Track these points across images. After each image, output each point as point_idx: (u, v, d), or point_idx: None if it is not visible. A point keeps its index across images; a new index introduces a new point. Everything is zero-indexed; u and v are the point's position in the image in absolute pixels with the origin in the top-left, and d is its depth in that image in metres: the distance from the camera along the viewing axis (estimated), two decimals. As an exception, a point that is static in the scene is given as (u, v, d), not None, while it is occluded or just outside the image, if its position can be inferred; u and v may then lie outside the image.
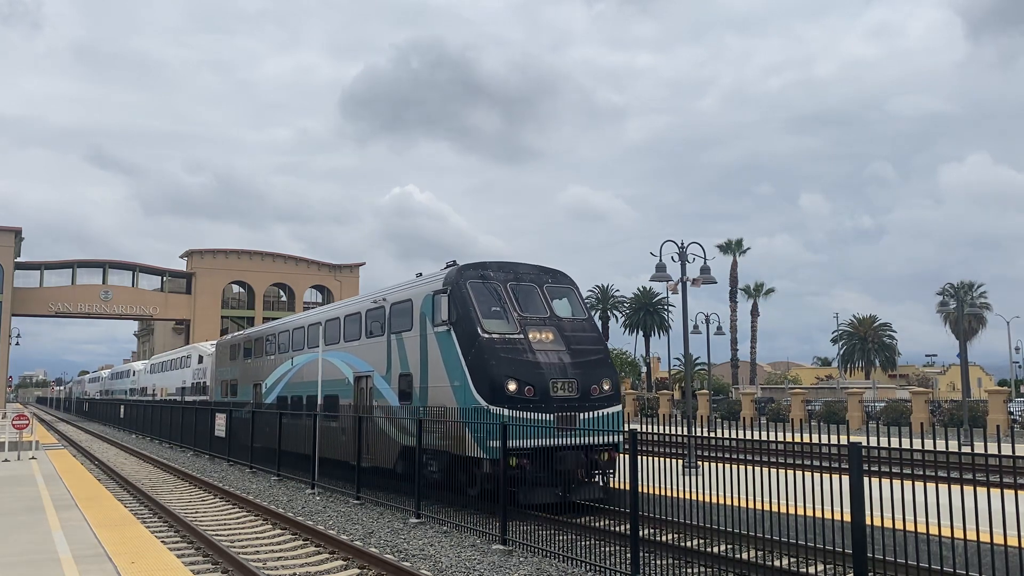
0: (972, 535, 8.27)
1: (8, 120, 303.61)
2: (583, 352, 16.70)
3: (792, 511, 10.27)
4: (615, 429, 15.50)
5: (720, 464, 11.08)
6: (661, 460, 11.08)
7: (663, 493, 10.68)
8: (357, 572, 11.45)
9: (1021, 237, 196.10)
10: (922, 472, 9.82)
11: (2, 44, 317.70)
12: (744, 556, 11.29)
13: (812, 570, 10.62)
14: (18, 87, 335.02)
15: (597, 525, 13.06)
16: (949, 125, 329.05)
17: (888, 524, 10.36)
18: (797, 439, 10.07)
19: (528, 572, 11.20)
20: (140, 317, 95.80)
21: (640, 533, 10.68)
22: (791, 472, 10.10)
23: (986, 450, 8.73)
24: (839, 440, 8.78)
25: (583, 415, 15.59)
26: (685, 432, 19.33)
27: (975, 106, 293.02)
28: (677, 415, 43.54)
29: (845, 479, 8.38)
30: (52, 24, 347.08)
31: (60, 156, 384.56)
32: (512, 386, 15.39)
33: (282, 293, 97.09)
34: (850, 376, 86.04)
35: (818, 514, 9.32)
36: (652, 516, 11.78)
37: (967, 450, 8.49)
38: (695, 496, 10.67)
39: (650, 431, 11.54)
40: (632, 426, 12.42)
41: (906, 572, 9.02)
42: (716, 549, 11.77)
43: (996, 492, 8.40)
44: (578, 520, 13.03)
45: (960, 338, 47.38)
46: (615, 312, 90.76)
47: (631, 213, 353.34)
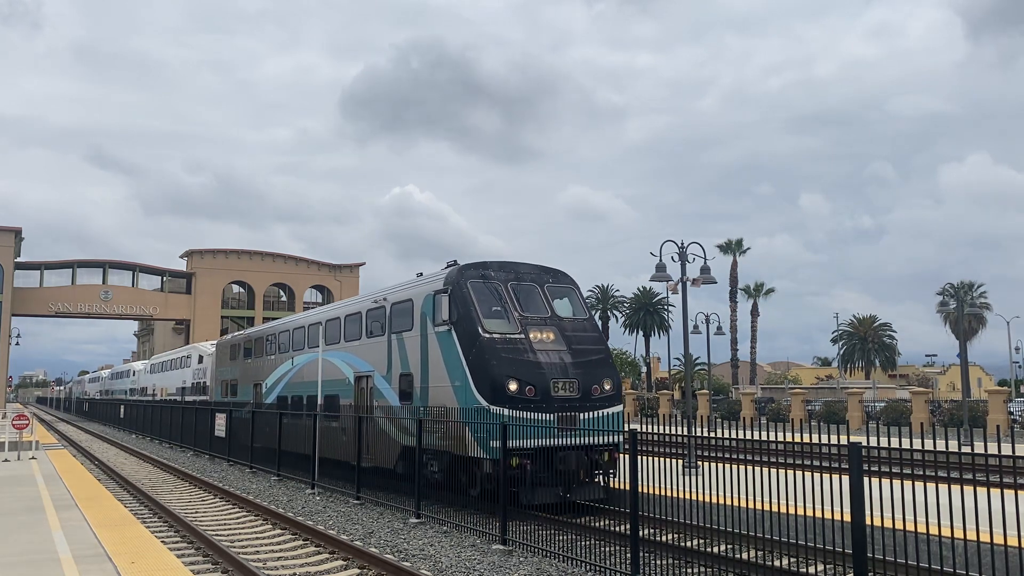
0: (972, 535, 8.27)
1: (8, 120, 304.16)
2: (584, 352, 16.68)
3: (792, 511, 10.27)
4: (616, 429, 15.49)
5: (720, 464, 11.08)
6: (661, 460, 11.08)
7: (663, 493, 10.68)
8: (357, 572, 11.45)
9: (1021, 237, 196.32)
10: (922, 472, 9.82)
11: (2, 44, 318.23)
12: (744, 556, 11.30)
13: (812, 570, 10.63)
14: (18, 87, 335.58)
15: (597, 525, 13.07)
16: (949, 125, 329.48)
17: (888, 524, 10.36)
18: (797, 439, 10.07)
19: (528, 572, 11.20)
20: (140, 317, 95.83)
21: (640, 533, 10.68)
22: (791, 472, 10.11)
23: (986, 450, 8.72)
24: (839, 440, 8.78)
25: (584, 415, 15.58)
26: (685, 432, 19.33)
27: (975, 106, 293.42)
28: (677, 415, 43.53)
29: (845, 479, 8.39)
30: (52, 24, 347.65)
31: (60, 156, 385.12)
32: (513, 386, 15.38)
33: (282, 293, 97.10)
34: (850, 376, 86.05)
35: (818, 514, 9.32)
36: (652, 516, 11.80)
37: (967, 450, 8.49)
38: (695, 496, 10.68)
39: (650, 431, 11.55)
40: (632, 426, 12.42)
41: (906, 572, 9.02)
42: (716, 549, 11.77)
43: (996, 492, 8.40)
44: (578, 520, 13.03)
45: (960, 338, 47.41)
46: (615, 312, 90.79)
47: (631, 213, 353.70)
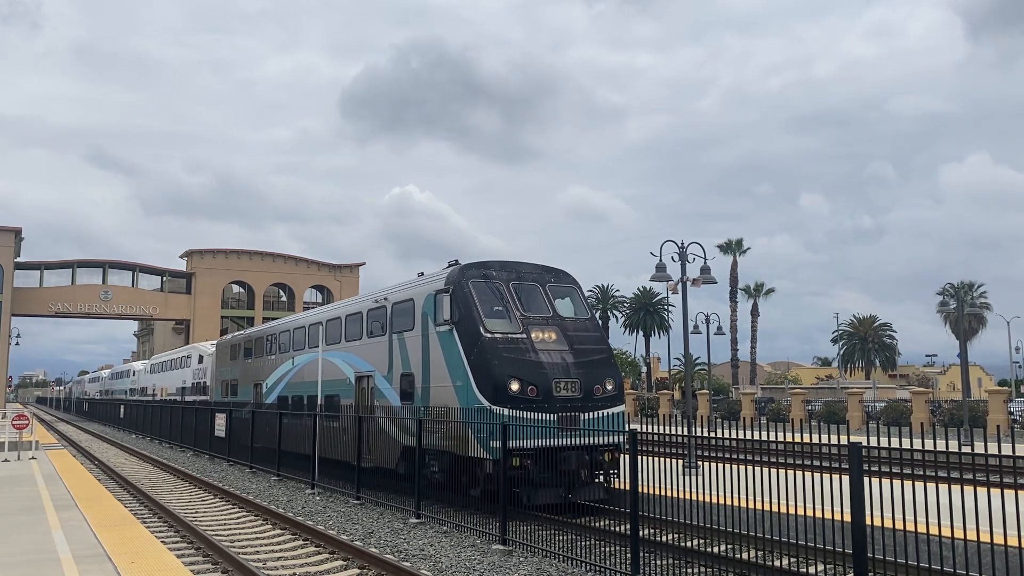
0: (972, 535, 8.27)
1: (8, 120, 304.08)
2: (586, 352, 16.67)
3: (792, 511, 10.27)
4: (617, 429, 15.48)
5: (720, 464, 11.08)
6: (661, 460, 11.08)
7: (663, 493, 10.69)
8: (357, 572, 11.45)
9: (1021, 237, 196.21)
10: (922, 472, 9.83)
11: (2, 44, 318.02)
12: (744, 556, 11.30)
13: (812, 570, 10.63)
14: (18, 87, 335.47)
15: (597, 525, 13.07)
16: (949, 125, 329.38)
17: (888, 524, 10.35)
18: (797, 439, 10.07)
19: (528, 572, 11.20)
20: (140, 317, 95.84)
21: (640, 533, 10.69)
22: (791, 472, 10.10)
23: (986, 450, 8.72)
24: (839, 440, 8.78)
25: (586, 415, 15.56)
26: (685, 432, 19.32)
27: (975, 106, 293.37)
28: (677, 415, 43.51)
29: (845, 479, 8.39)
30: (52, 24, 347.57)
31: (60, 156, 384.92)
32: (515, 386, 15.38)
33: (282, 293, 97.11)
34: (850, 376, 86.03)
35: (818, 514, 9.32)
36: (652, 516, 11.80)
37: (967, 450, 8.49)
38: (695, 496, 10.68)
39: (650, 431, 11.55)
40: (632, 426, 12.42)
41: (906, 572, 9.02)
42: (716, 549, 11.77)
43: (996, 492, 8.40)
44: (578, 520, 13.04)
45: (960, 338, 47.43)
46: (615, 312, 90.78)
47: (631, 213, 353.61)
